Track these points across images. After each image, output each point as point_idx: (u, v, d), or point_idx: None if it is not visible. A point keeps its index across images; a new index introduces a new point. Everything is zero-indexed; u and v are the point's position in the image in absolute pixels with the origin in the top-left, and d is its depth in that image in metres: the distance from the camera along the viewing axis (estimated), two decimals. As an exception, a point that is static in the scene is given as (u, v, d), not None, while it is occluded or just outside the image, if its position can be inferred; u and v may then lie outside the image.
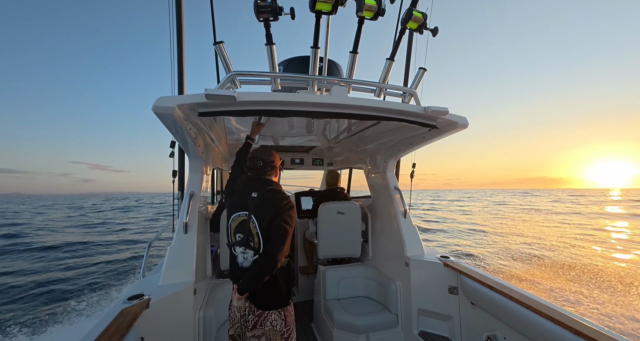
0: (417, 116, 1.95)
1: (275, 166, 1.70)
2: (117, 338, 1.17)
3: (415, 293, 2.40)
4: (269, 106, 1.62)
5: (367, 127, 2.52)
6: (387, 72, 2.01)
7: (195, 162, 2.28)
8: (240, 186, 1.65)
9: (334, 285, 2.91)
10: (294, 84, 1.98)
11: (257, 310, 1.50)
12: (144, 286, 1.76)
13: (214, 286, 2.42)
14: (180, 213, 2.10)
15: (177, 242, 1.97)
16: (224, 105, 1.54)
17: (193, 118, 1.75)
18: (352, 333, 2.39)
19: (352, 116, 1.82)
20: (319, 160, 4.58)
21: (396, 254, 2.68)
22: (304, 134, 3.21)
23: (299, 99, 1.63)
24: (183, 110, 1.54)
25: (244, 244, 1.51)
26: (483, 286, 1.91)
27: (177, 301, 1.72)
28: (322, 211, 3.08)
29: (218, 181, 4.30)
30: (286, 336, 1.54)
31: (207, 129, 2.19)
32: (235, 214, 1.58)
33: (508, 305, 1.68)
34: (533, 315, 1.51)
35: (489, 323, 1.92)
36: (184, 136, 1.85)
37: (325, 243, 3.05)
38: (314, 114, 1.73)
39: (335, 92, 1.75)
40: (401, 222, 2.69)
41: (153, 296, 1.61)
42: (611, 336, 1.22)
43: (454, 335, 2.24)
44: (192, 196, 2.16)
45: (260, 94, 1.57)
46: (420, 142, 2.40)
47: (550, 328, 1.41)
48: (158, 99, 1.37)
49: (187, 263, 1.92)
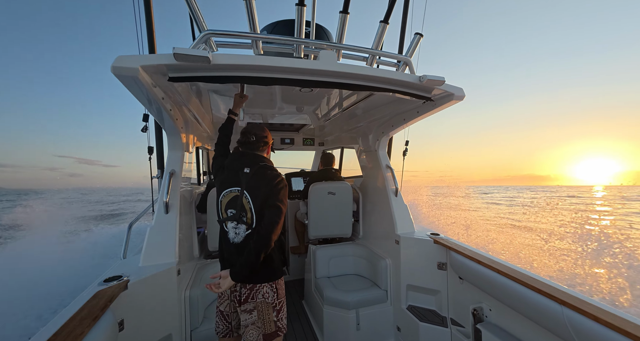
0: (411, 87, 1.83)
1: (267, 142, 1.68)
2: (89, 320, 1.09)
3: (405, 270, 2.42)
4: (249, 72, 1.46)
5: (359, 101, 2.38)
6: (380, 37, 1.84)
7: (175, 138, 2.11)
8: (231, 161, 1.61)
9: (325, 263, 2.92)
10: (279, 49, 1.80)
11: (249, 284, 1.49)
12: (123, 267, 1.68)
13: (201, 266, 2.37)
14: (160, 193, 1.98)
15: (157, 222, 1.87)
16: (198, 69, 1.36)
17: (165, 86, 1.57)
18: (342, 309, 2.42)
19: (342, 85, 1.68)
20: (309, 140, 4.44)
21: (387, 233, 2.67)
22: (294, 113, 3.05)
23: (283, 64, 1.47)
24: (150, 73, 1.36)
25: (236, 219, 1.49)
26: (471, 261, 1.91)
27: (159, 282, 1.66)
28: (312, 191, 3.02)
29: (205, 162, 4.13)
30: (278, 309, 1.53)
31: (185, 101, 2.01)
32: (226, 190, 1.54)
33: (494, 278, 1.68)
34: (518, 287, 1.52)
35: (475, 296, 1.95)
36: (158, 107, 1.68)
37: (315, 223, 3.02)
38: (301, 82, 1.58)
39: (324, 58, 1.59)
40: (392, 200, 2.65)
41: (132, 277, 1.53)
42: (595, 305, 1.23)
43: (441, 308, 2.30)
44: (172, 174, 2.02)
45: (238, 57, 1.39)
46: (414, 116, 2.30)
47: (535, 299, 1.41)
48: (117, 58, 1.19)
49: (168, 244, 1.83)
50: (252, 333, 1.47)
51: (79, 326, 1.05)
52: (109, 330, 1.17)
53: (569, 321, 1.24)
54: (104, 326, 1.15)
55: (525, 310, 1.50)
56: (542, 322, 1.40)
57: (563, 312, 1.27)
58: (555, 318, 1.31)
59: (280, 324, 1.54)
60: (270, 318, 1.49)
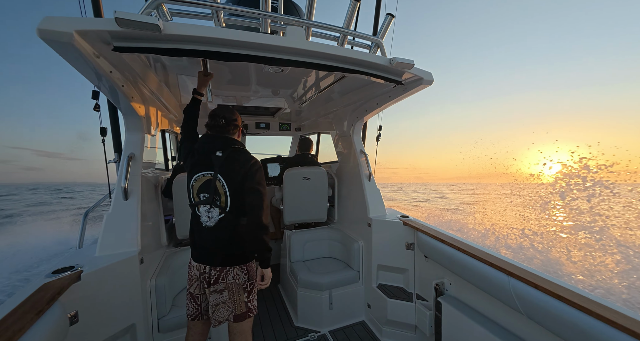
0: (382, 69, 1.80)
1: (238, 125, 1.65)
2: (32, 315, 1.01)
3: (376, 251, 2.52)
4: (209, 46, 1.34)
5: (334, 83, 2.33)
6: (351, 15, 1.77)
7: (132, 119, 1.94)
8: (202, 144, 1.56)
9: (299, 247, 2.95)
10: (243, 22, 1.67)
11: (218, 267, 1.48)
12: (77, 258, 1.56)
13: (170, 255, 2.29)
14: (118, 178, 1.83)
15: (115, 209, 1.74)
16: (147, 39, 1.22)
17: (113, 57, 1.40)
18: (315, 291, 2.49)
19: (311, 65, 1.61)
20: (286, 125, 4.33)
21: (360, 216, 2.73)
22: (270, 96, 2.92)
23: (247, 38, 1.36)
24: (90, 41, 1.19)
25: (209, 203, 1.47)
26: (436, 240, 2.02)
27: (119, 272, 1.57)
28: (287, 176, 2.98)
29: (174, 147, 3.89)
30: (249, 290, 1.54)
31: (144, 78, 1.84)
32: (198, 174, 1.50)
33: (455, 254, 1.80)
34: (474, 261, 1.64)
35: (438, 272, 2.08)
36: (109, 83, 1.51)
37: (291, 209, 3.01)
38: (267, 60, 1.49)
39: (292, 35, 1.50)
40: (365, 185, 2.70)
41: (86, 268, 1.43)
42: (536, 274, 1.36)
43: (408, 285, 2.44)
44: (131, 158, 1.88)
45: (195, 28, 1.26)
46: (387, 101, 2.30)
47: (488, 271, 1.54)
48: (44, 19, 1.02)
49: (129, 232, 1.73)
50: (223, 312, 1.47)
51: (19, 321, 0.97)
52: (56, 324, 1.09)
53: (514, 290, 1.37)
54: (50, 320, 1.06)
55: (479, 282, 1.63)
56: (492, 292, 1.53)
57: (509, 282, 1.40)
58: (503, 288, 1.43)
59: (251, 305, 1.55)
60: (241, 299, 1.50)
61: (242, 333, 1.53)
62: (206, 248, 1.49)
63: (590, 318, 1.07)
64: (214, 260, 1.48)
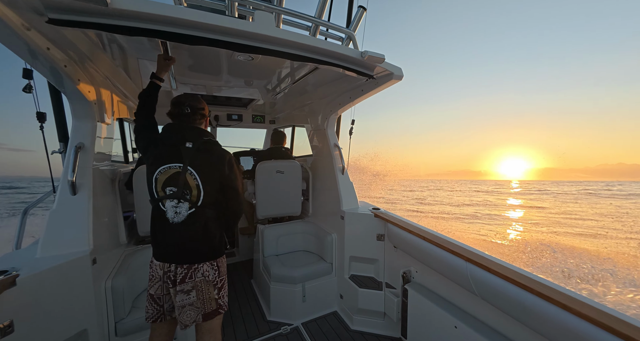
0: (353, 62, 1.80)
1: (204, 114, 1.57)
2: None
3: (349, 243, 2.57)
4: (166, 26, 1.22)
5: (307, 74, 2.28)
6: (323, 5, 1.73)
7: (79, 105, 1.73)
8: (168, 134, 1.45)
9: (273, 242, 2.92)
10: (208, 4, 1.55)
11: (186, 264, 1.39)
12: (13, 260, 1.38)
13: (129, 253, 2.12)
14: (64, 170, 1.64)
15: (60, 206, 1.56)
16: (90, 12, 1.08)
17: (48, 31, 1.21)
18: (288, 284, 2.48)
19: (280, 53, 1.56)
20: (259, 117, 4.20)
21: (333, 209, 2.76)
22: (243, 86, 2.79)
23: (210, 20, 1.27)
24: (17, 10, 1.02)
25: (177, 197, 1.39)
26: (404, 231, 2.11)
27: (66, 274, 1.42)
28: (260, 170, 2.90)
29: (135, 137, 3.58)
30: (219, 286, 1.48)
31: (92, 58, 1.64)
32: (163, 166, 1.40)
33: (420, 244, 1.89)
34: (437, 249, 1.75)
35: (406, 261, 2.18)
36: (49, 61, 1.32)
37: (264, 203, 2.95)
38: (232, 45, 1.41)
39: (261, 20, 1.43)
40: (339, 178, 2.72)
41: (24, 271, 1.27)
42: (490, 259, 1.48)
43: (378, 274, 2.53)
44: (79, 149, 1.68)
45: (150, 4, 1.14)
46: (359, 95, 2.32)
47: (449, 258, 1.65)
48: None
49: (78, 230, 1.56)
50: (190, 314, 1.40)
51: None
52: None
53: (471, 274, 1.48)
54: None
55: (441, 269, 1.73)
56: (452, 277, 1.65)
57: (467, 267, 1.50)
58: (461, 273, 1.54)
59: (222, 301, 1.50)
60: (211, 296, 1.44)
61: (211, 331, 1.47)
62: (172, 245, 1.39)
63: (532, 295, 1.20)
64: (181, 257, 1.39)
